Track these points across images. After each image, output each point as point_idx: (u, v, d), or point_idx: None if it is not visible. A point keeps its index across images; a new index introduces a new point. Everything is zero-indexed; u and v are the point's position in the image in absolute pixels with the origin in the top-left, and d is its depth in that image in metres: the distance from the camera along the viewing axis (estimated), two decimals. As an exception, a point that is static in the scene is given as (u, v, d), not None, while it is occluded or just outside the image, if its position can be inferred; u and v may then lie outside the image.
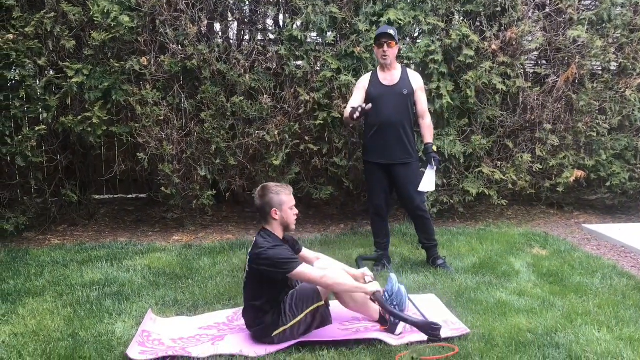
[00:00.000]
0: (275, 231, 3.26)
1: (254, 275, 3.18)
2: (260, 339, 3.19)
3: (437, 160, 4.47)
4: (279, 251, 3.13)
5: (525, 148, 6.13)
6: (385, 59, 4.41)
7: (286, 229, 3.29)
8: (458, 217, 6.33)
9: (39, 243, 5.51)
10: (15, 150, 5.18)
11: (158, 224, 6.25)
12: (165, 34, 5.40)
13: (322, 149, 5.81)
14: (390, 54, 4.40)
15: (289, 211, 3.26)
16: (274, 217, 3.23)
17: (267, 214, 3.24)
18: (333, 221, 6.33)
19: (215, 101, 5.48)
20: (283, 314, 3.18)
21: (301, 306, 3.20)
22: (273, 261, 3.09)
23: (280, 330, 3.17)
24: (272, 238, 3.22)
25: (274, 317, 3.17)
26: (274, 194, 3.23)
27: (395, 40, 4.39)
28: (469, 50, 5.70)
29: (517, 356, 2.98)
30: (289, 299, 3.22)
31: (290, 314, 3.19)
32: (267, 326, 3.17)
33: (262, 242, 3.18)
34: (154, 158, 5.59)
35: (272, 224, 3.26)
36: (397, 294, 3.43)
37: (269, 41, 5.90)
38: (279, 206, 3.23)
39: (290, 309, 3.20)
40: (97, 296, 3.95)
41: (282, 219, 3.25)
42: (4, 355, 3.05)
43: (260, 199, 3.26)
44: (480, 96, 5.95)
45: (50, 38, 5.20)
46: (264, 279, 3.14)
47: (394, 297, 3.42)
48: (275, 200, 3.22)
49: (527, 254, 4.94)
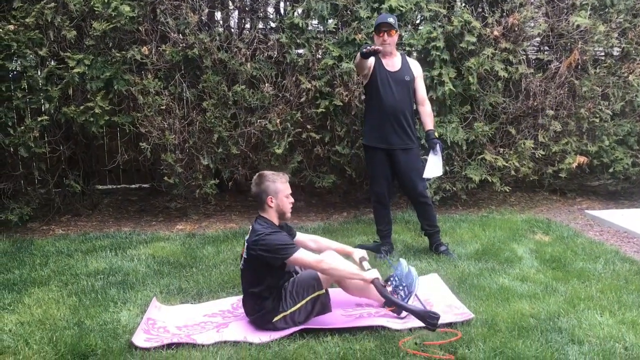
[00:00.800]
0: (272, 218, 3.29)
1: (252, 262, 3.20)
2: (261, 325, 3.21)
3: (441, 146, 4.49)
4: (277, 237, 3.16)
5: (528, 134, 6.11)
6: (385, 47, 4.40)
7: (282, 216, 3.31)
8: (461, 204, 6.33)
9: (43, 233, 5.53)
10: (18, 141, 5.19)
11: (161, 213, 6.27)
12: (166, 23, 5.39)
13: (324, 137, 5.81)
14: (390, 41, 4.40)
15: (284, 199, 3.28)
16: (269, 205, 3.26)
17: (263, 201, 3.26)
18: (336, 209, 6.34)
19: (216, 90, 5.48)
20: (283, 300, 3.20)
21: (302, 293, 3.22)
22: (271, 247, 3.11)
23: (280, 316, 3.19)
24: (269, 224, 3.24)
25: (274, 303, 3.19)
26: (270, 181, 3.26)
27: (395, 28, 4.38)
28: (470, 36, 5.68)
29: (519, 341, 3.00)
30: (290, 285, 3.24)
31: (290, 301, 3.21)
32: (267, 312, 3.19)
33: (260, 228, 3.20)
34: (156, 147, 5.59)
35: (268, 211, 3.28)
36: (406, 275, 3.45)
37: (270, 29, 5.89)
38: (275, 194, 3.25)
39: (290, 296, 3.21)
40: (102, 285, 3.97)
41: (277, 207, 3.27)
42: (11, 343, 3.08)
43: (257, 186, 3.29)
44: (483, 83, 5.93)
45: (51, 28, 5.20)
46: (263, 265, 3.15)
47: (404, 279, 3.44)
48: (272, 188, 3.25)
49: (529, 240, 4.94)
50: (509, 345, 2.94)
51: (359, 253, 3.54)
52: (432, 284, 3.81)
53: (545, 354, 2.86)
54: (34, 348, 3.00)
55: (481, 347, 2.93)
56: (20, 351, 2.98)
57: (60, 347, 3.00)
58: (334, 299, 3.45)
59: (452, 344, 2.99)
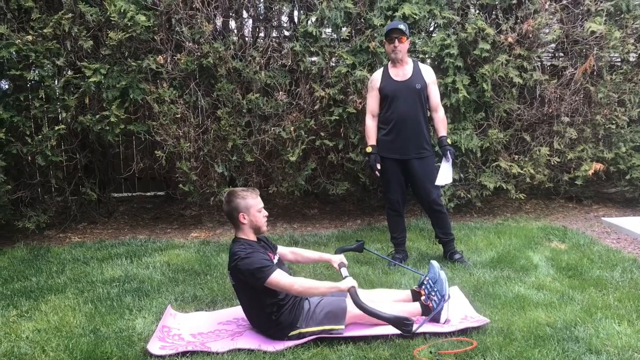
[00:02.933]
0: (248, 236, 3.27)
1: (241, 286, 3.20)
2: (276, 337, 3.19)
3: (452, 153, 4.47)
4: (253, 259, 3.12)
5: (543, 141, 6.07)
6: (396, 54, 4.40)
7: (257, 231, 3.29)
8: (475, 212, 6.30)
9: (59, 241, 5.59)
10: (36, 149, 5.26)
11: (176, 221, 6.31)
12: (181, 32, 5.44)
13: (338, 145, 5.81)
14: (402, 48, 4.39)
15: (257, 214, 3.26)
16: (242, 222, 3.24)
17: (235, 218, 3.25)
18: (350, 217, 6.34)
19: (231, 98, 5.51)
20: (304, 316, 3.19)
21: (325, 319, 3.21)
22: (249, 271, 3.10)
23: (297, 332, 3.19)
24: (246, 244, 3.22)
25: (292, 316, 3.18)
26: (240, 198, 3.24)
27: (406, 35, 4.37)
28: (484, 43, 5.67)
29: (535, 350, 2.97)
30: (316, 304, 3.22)
31: (312, 321, 3.20)
32: (284, 326, 3.18)
33: (237, 251, 3.18)
34: (171, 156, 5.63)
35: (242, 228, 3.26)
36: (438, 280, 3.43)
37: (283, 38, 5.92)
38: (247, 210, 3.23)
39: (314, 315, 3.20)
40: (117, 292, 4.00)
41: (251, 223, 3.25)
42: (28, 350, 3.11)
43: (227, 204, 3.27)
44: (497, 89, 5.91)
45: (68, 38, 5.27)
46: (252, 287, 3.14)
47: (436, 284, 3.43)
48: (242, 205, 3.23)
49: (545, 248, 4.90)
50: (524, 355, 2.91)
51: (337, 259, 3.54)
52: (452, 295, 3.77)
53: (562, 363, 2.83)
54: (50, 355, 3.03)
55: (497, 356, 2.91)
56: (37, 358, 3.01)
57: (76, 354, 3.02)
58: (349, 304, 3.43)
59: (467, 353, 2.97)
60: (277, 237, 5.44)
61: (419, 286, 3.57)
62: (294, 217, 6.37)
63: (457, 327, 3.25)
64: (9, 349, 3.13)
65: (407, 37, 4.38)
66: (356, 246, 4.08)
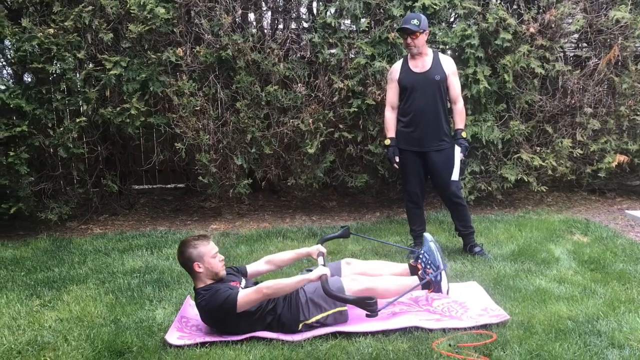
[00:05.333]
0: (206, 284, 3.23)
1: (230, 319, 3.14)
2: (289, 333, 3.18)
3: (465, 148, 4.40)
4: (214, 297, 3.11)
5: (566, 133, 5.99)
6: (411, 50, 4.37)
7: (215, 276, 3.24)
8: (496, 204, 6.23)
9: (81, 232, 5.66)
10: (58, 142, 5.32)
11: (196, 212, 6.35)
12: (200, 25, 5.45)
13: (357, 137, 5.79)
14: (416, 44, 4.32)
15: (211, 260, 3.21)
16: (198, 270, 3.20)
17: (190, 268, 3.22)
18: (368, 209, 6.32)
19: (250, 90, 5.52)
20: (303, 308, 3.18)
21: (324, 305, 3.20)
22: (217, 310, 3.09)
23: (302, 325, 3.18)
24: (203, 291, 3.19)
25: (291, 314, 3.17)
26: (192, 248, 3.21)
27: (418, 31, 4.28)
28: (506, 33, 5.59)
29: (557, 344, 2.93)
30: (312, 292, 3.20)
31: (314, 310, 3.19)
32: (288, 325, 3.17)
33: (199, 302, 3.17)
34: (191, 148, 5.67)
35: (199, 277, 3.23)
36: (430, 252, 3.45)
37: (302, 29, 5.90)
38: (200, 258, 3.19)
39: (313, 304, 3.19)
40: (138, 283, 4.04)
41: (207, 270, 3.21)
42: (50, 339, 3.15)
43: (181, 256, 3.26)
44: (518, 80, 5.83)
45: (88, 31, 5.31)
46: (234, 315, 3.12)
47: (430, 257, 3.45)
48: (195, 254, 3.20)
49: (567, 241, 4.83)
50: (545, 348, 2.88)
51: (314, 249, 3.52)
52: (471, 290, 3.75)
53: (584, 357, 2.79)
54: (72, 344, 3.07)
55: (517, 350, 2.88)
56: (60, 347, 3.05)
57: (97, 344, 3.06)
58: None
59: (487, 346, 2.94)
60: (295, 229, 5.44)
61: (415, 260, 3.55)
62: (312, 210, 6.37)
63: (476, 322, 3.22)
64: (33, 337, 3.18)
65: (421, 32, 4.29)
66: (341, 232, 3.92)
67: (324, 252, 3.52)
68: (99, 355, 2.95)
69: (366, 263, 3.67)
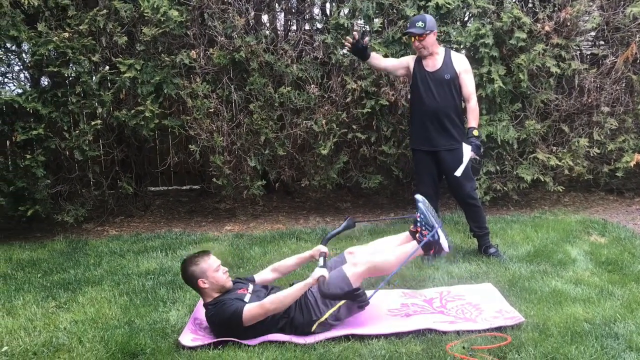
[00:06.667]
0: (214, 298, 3.24)
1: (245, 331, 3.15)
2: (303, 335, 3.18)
3: (476, 146, 4.34)
4: (223, 309, 3.13)
5: (582, 132, 5.91)
6: (420, 52, 4.37)
7: (222, 289, 3.25)
8: (512, 205, 6.18)
9: (97, 234, 5.71)
10: (74, 144, 5.37)
11: (211, 214, 6.37)
12: (214, 27, 5.47)
13: (371, 138, 5.77)
14: (425, 45, 4.32)
15: (215, 274, 3.22)
16: (203, 287, 3.22)
17: (196, 285, 3.24)
18: (383, 210, 6.29)
19: (263, 92, 5.52)
20: (314, 308, 3.17)
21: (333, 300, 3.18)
22: (228, 320, 3.10)
23: (316, 325, 3.17)
24: (210, 305, 3.21)
25: (304, 316, 3.17)
26: (194, 265, 3.23)
27: (425, 33, 4.26)
28: (521, 32, 5.53)
29: (572, 346, 2.89)
30: (317, 293, 3.18)
31: (323, 306, 3.18)
32: (302, 327, 3.17)
33: (210, 317, 3.19)
34: (205, 150, 5.69)
35: (206, 293, 3.24)
36: (421, 213, 3.44)
37: (315, 30, 5.89)
38: (203, 274, 3.21)
39: (322, 301, 3.18)
40: (152, 285, 4.06)
41: (212, 284, 3.22)
42: (65, 341, 3.18)
43: (184, 275, 3.28)
44: (534, 80, 5.77)
45: (103, 35, 5.35)
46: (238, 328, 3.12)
47: (423, 218, 3.45)
48: (197, 271, 3.21)
49: (584, 242, 4.77)
50: (561, 351, 2.84)
51: (316, 251, 3.48)
52: (485, 292, 3.72)
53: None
54: (86, 346, 3.09)
55: (532, 352, 2.85)
56: (74, 349, 3.07)
57: (111, 345, 3.08)
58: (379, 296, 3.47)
59: (501, 348, 2.92)
60: (309, 231, 5.44)
61: (414, 225, 3.52)
62: (326, 211, 6.36)
63: (491, 324, 3.19)
64: (48, 339, 3.21)
65: (427, 32, 4.27)
66: (346, 224, 3.76)
67: (326, 252, 3.47)
68: (113, 357, 2.97)
69: (368, 246, 3.64)
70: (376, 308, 3.51)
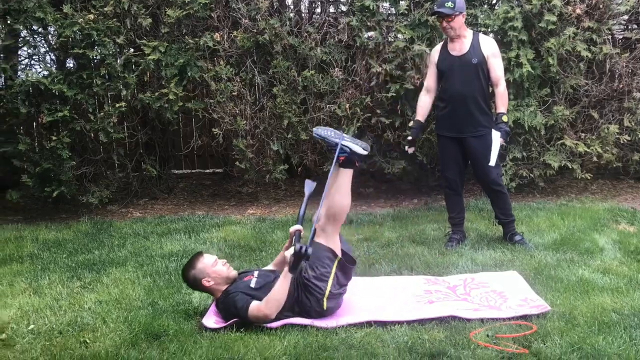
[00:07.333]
0: (222, 291, 3.23)
1: None
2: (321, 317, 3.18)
3: (505, 132, 4.22)
4: (229, 300, 3.13)
5: (612, 118, 5.77)
6: (447, 33, 4.27)
7: (227, 281, 3.24)
8: (538, 192, 6.07)
9: (121, 216, 5.76)
10: (98, 126, 5.41)
11: (233, 197, 6.39)
12: (238, 9, 5.44)
13: (395, 122, 5.70)
14: (453, 26, 4.21)
15: (215, 269, 3.22)
16: (208, 285, 3.21)
17: (202, 286, 3.23)
18: (406, 196, 6.24)
19: (286, 75, 5.49)
20: (314, 289, 3.15)
21: (325, 269, 3.17)
22: (237, 313, 3.09)
23: (325, 301, 3.16)
24: (222, 296, 3.20)
25: (310, 298, 3.15)
26: (192, 268, 3.23)
27: (454, 14, 4.15)
28: (550, 15, 5.39)
29: (600, 337, 2.83)
30: (310, 270, 3.17)
31: (321, 283, 3.16)
32: (314, 309, 3.16)
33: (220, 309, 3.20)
34: (228, 133, 5.69)
35: (214, 289, 3.23)
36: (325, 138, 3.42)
37: (340, 13, 5.82)
38: (204, 273, 3.20)
39: (317, 280, 3.16)
40: (175, 267, 4.07)
41: (216, 279, 3.21)
42: (90, 321, 3.21)
43: (188, 281, 3.28)
44: (563, 64, 5.63)
45: (128, 16, 5.36)
46: None
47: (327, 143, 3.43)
48: (198, 273, 3.21)
49: (612, 230, 4.67)
50: (588, 341, 2.78)
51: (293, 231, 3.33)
52: (510, 280, 3.66)
53: (629, 352, 2.69)
54: (110, 326, 3.12)
55: (557, 342, 2.79)
56: (98, 329, 3.10)
57: (134, 326, 3.10)
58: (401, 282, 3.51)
59: (526, 337, 2.87)
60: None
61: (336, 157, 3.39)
62: (349, 196, 6.32)
63: (516, 312, 3.14)
64: (73, 318, 3.25)
65: (456, 14, 4.15)
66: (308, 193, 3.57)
67: (299, 229, 3.30)
68: (136, 338, 2.98)
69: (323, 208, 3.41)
70: (399, 294, 3.50)
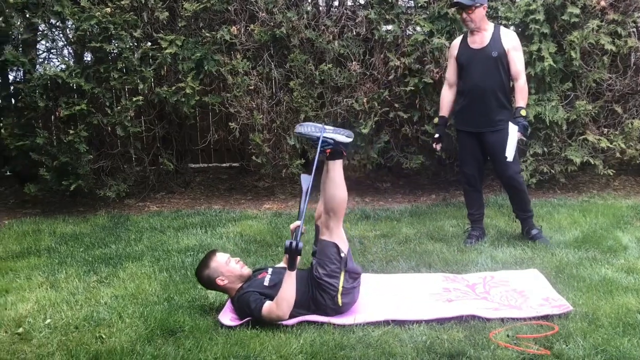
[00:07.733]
0: (236, 289, 3.20)
1: None
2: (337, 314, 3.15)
3: (523, 126, 4.13)
4: (242, 302, 3.10)
5: (636, 113, 5.65)
6: (467, 25, 4.20)
7: (241, 279, 3.21)
8: (559, 188, 5.97)
9: (138, 209, 5.77)
10: (115, 120, 5.41)
11: (250, 192, 6.37)
12: (255, 2, 5.40)
13: (413, 117, 5.63)
14: (472, 18, 4.13)
15: (228, 267, 3.19)
16: (222, 284, 3.18)
17: (216, 286, 3.20)
18: (424, 191, 6.17)
19: (303, 69, 5.45)
20: (328, 287, 3.12)
21: (336, 266, 3.15)
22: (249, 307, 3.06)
23: (339, 298, 3.13)
24: (238, 294, 3.17)
25: (324, 296, 3.12)
26: (206, 267, 3.20)
27: (474, 5, 4.07)
28: (574, 8, 5.28)
29: (625, 339, 2.76)
30: (320, 269, 3.14)
31: (333, 281, 3.12)
32: (329, 307, 3.13)
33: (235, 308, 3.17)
34: (245, 127, 5.66)
35: (229, 288, 3.20)
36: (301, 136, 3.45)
37: (358, 5, 5.76)
38: (218, 273, 3.17)
39: (329, 277, 3.12)
40: (192, 262, 4.06)
41: (230, 278, 3.18)
42: (105, 316, 3.20)
43: (202, 281, 3.25)
44: (586, 58, 5.51)
45: (144, 10, 5.35)
46: None
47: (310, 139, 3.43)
48: (212, 272, 3.18)
49: (636, 228, 4.57)
50: (612, 343, 2.71)
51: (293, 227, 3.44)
52: (531, 278, 3.60)
53: (655, 355, 2.62)
54: (126, 321, 3.11)
55: (580, 344, 2.73)
56: (114, 324, 3.09)
57: (150, 322, 3.08)
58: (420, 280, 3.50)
59: (548, 338, 2.80)
60: (348, 211, 5.34)
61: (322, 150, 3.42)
62: (365, 191, 6.27)
63: (537, 312, 3.08)
64: (89, 313, 3.24)
65: (477, 5, 4.08)
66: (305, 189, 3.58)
67: (298, 225, 3.29)
68: (152, 334, 2.97)
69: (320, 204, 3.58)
70: (417, 292, 3.45)
